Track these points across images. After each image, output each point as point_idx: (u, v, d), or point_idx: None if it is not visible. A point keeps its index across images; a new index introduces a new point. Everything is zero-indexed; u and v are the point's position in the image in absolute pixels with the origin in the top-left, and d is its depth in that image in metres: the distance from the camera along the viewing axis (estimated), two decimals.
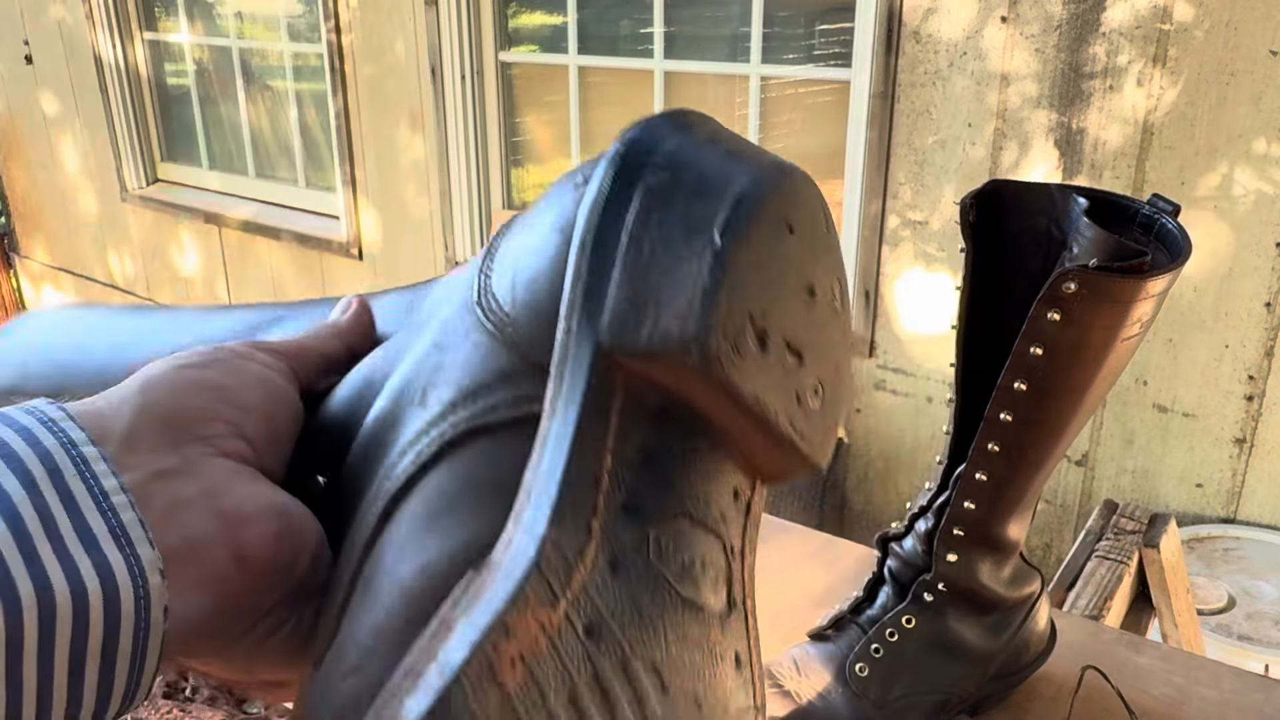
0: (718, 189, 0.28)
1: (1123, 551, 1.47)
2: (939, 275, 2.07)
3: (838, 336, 0.32)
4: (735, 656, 0.30)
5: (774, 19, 2.22)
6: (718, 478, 0.30)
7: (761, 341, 0.28)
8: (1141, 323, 0.61)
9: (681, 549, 0.28)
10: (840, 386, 0.32)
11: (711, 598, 0.29)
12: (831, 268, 0.32)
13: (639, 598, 0.27)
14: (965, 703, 0.76)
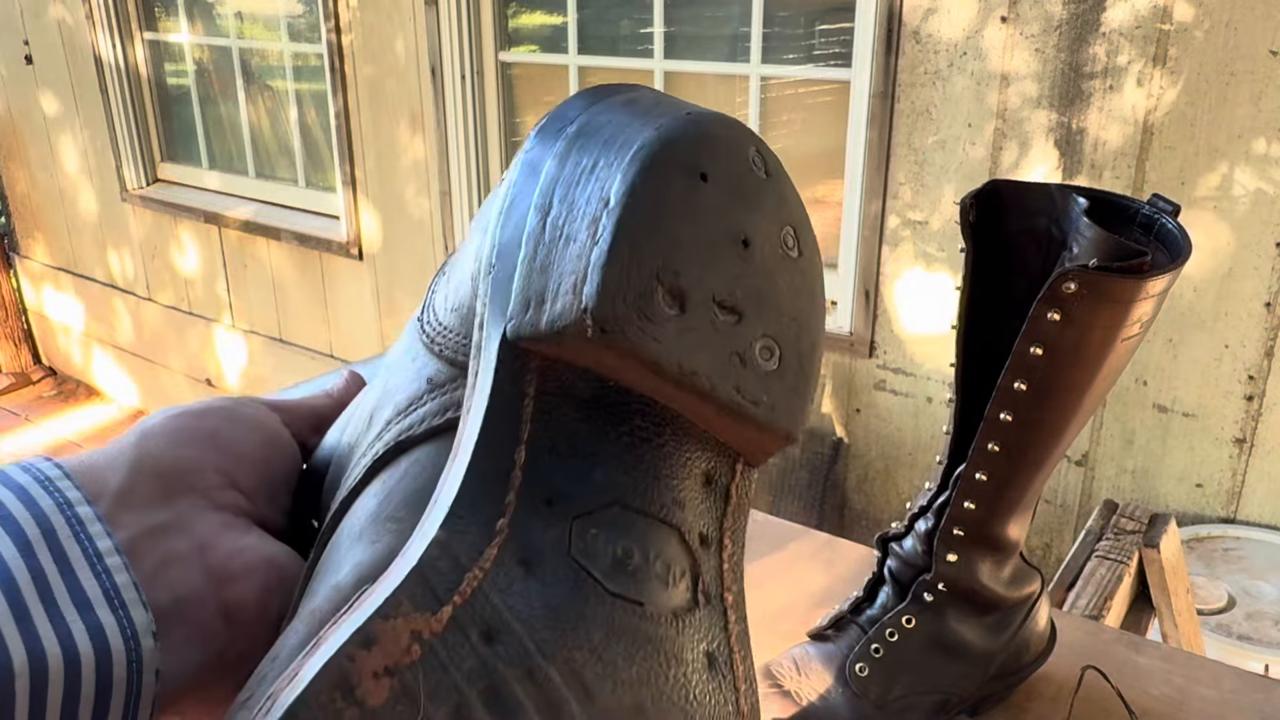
0: (620, 150, 0.26)
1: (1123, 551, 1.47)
2: (939, 275, 2.07)
3: (796, 286, 0.29)
4: (706, 657, 0.27)
5: (774, 19, 2.22)
6: (672, 462, 0.27)
7: (679, 302, 0.25)
8: (1141, 323, 0.61)
9: (614, 541, 0.26)
10: (804, 341, 0.29)
11: (661, 593, 0.26)
12: (776, 213, 0.29)
13: (554, 597, 0.24)
14: (965, 703, 0.76)
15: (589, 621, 0.25)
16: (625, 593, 0.26)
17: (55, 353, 4.44)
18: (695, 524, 0.28)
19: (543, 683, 0.24)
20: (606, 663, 0.25)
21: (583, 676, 0.24)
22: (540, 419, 0.26)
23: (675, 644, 0.26)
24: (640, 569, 0.26)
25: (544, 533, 0.25)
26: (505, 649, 0.23)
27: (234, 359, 3.57)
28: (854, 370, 2.24)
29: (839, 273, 2.24)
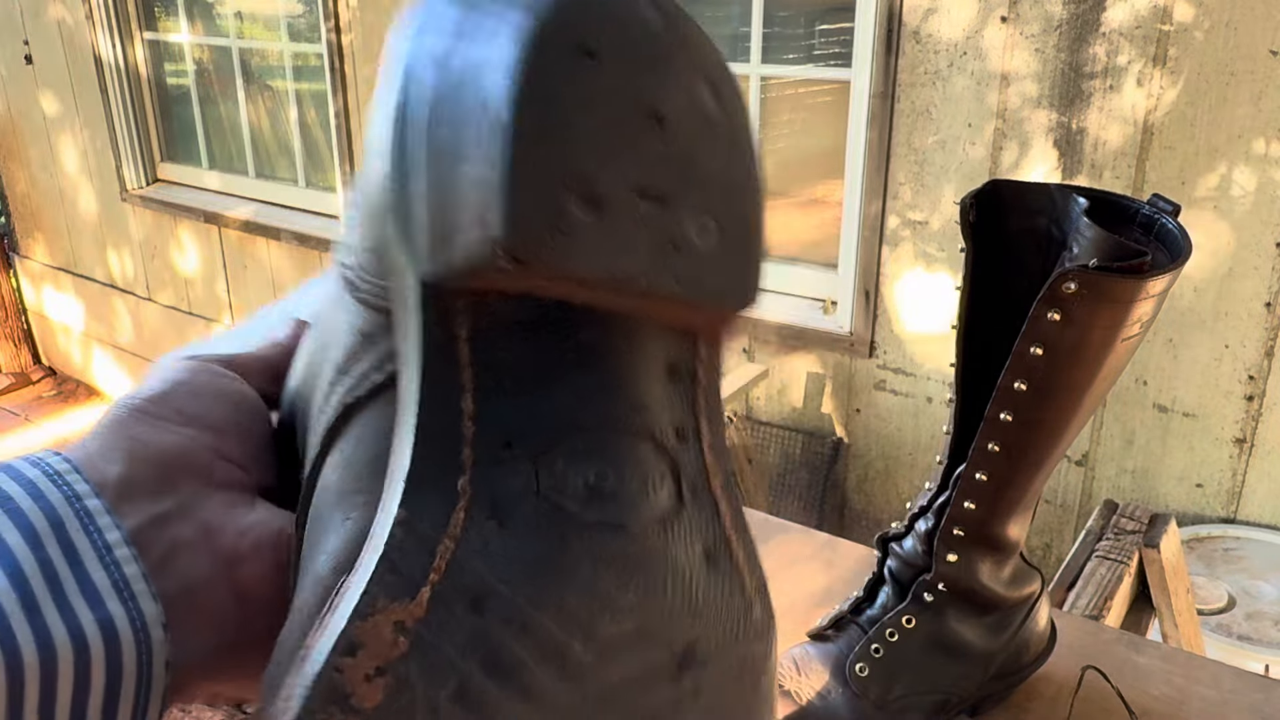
0: (490, 41, 0.23)
1: (1123, 551, 1.47)
2: (939, 275, 2.07)
3: (723, 149, 0.26)
4: (704, 555, 0.25)
5: (774, 19, 2.22)
6: (628, 368, 0.25)
7: (595, 204, 0.23)
8: (1141, 323, 0.61)
9: (582, 468, 0.24)
10: (743, 206, 0.27)
11: (643, 506, 0.25)
12: (686, 72, 0.25)
13: (533, 546, 0.23)
14: (965, 703, 0.76)
15: (574, 560, 0.24)
16: (605, 518, 0.24)
17: (55, 353, 4.44)
18: (665, 422, 0.26)
19: (540, 635, 0.23)
20: (600, 596, 0.24)
21: (579, 617, 0.23)
22: (480, 360, 0.24)
23: (667, 554, 0.25)
24: (616, 489, 0.25)
25: (509, 480, 0.24)
26: (495, 612, 0.23)
27: None
28: (854, 370, 2.24)
29: (839, 273, 2.24)
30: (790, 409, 2.38)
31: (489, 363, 0.24)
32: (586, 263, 0.23)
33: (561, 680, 0.23)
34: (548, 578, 0.23)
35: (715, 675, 0.25)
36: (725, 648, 0.25)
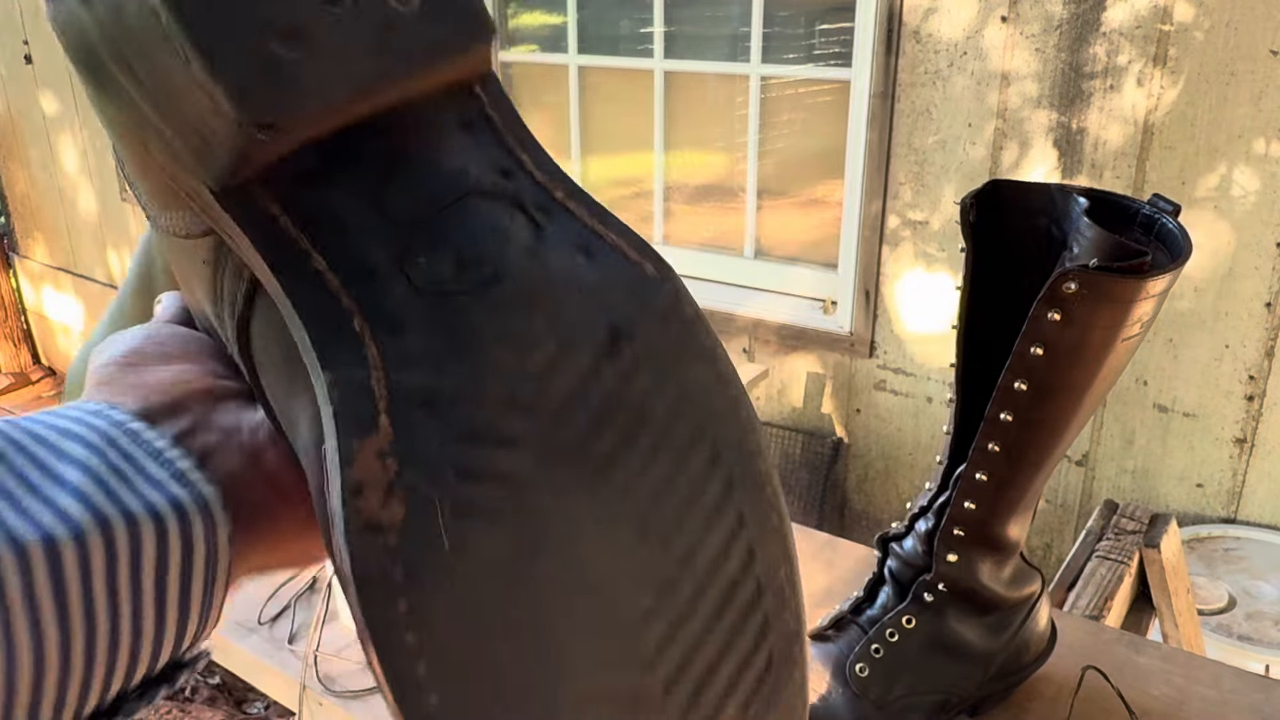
0: None
1: (1123, 551, 1.47)
2: (939, 275, 2.07)
3: None
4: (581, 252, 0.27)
5: (774, 19, 2.22)
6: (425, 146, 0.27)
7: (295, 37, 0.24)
8: (1141, 323, 0.61)
9: (440, 253, 0.26)
10: None
11: (506, 249, 0.26)
12: None
13: (439, 334, 0.25)
14: (965, 703, 0.76)
15: (478, 325, 0.25)
16: (482, 279, 0.26)
17: (55, 353, 4.44)
18: (486, 170, 0.27)
19: (489, 395, 0.25)
20: (516, 339, 0.25)
21: (510, 364, 0.25)
22: (302, 223, 0.25)
23: (549, 273, 0.26)
24: (477, 252, 0.26)
25: (389, 296, 0.25)
26: (445, 401, 0.25)
27: None
28: (854, 370, 2.24)
29: (839, 272, 2.24)
30: (790, 409, 2.38)
31: (312, 218, 0.25)
32: (324, 92, 0.24)
33: (528, 418, 0.25)
34: (466, 351, 0.25)
35: (647, 335, 0.27)
36: (640, 312, 0.27)
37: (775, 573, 0.28)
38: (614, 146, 2.62)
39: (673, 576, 0.26)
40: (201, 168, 0.25)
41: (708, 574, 0.27)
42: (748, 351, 2.40)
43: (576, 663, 0.25)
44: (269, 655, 0.89)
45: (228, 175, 0.25)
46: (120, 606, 0.25)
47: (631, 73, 2.47)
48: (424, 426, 0.24)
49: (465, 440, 0.24)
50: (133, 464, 0.27)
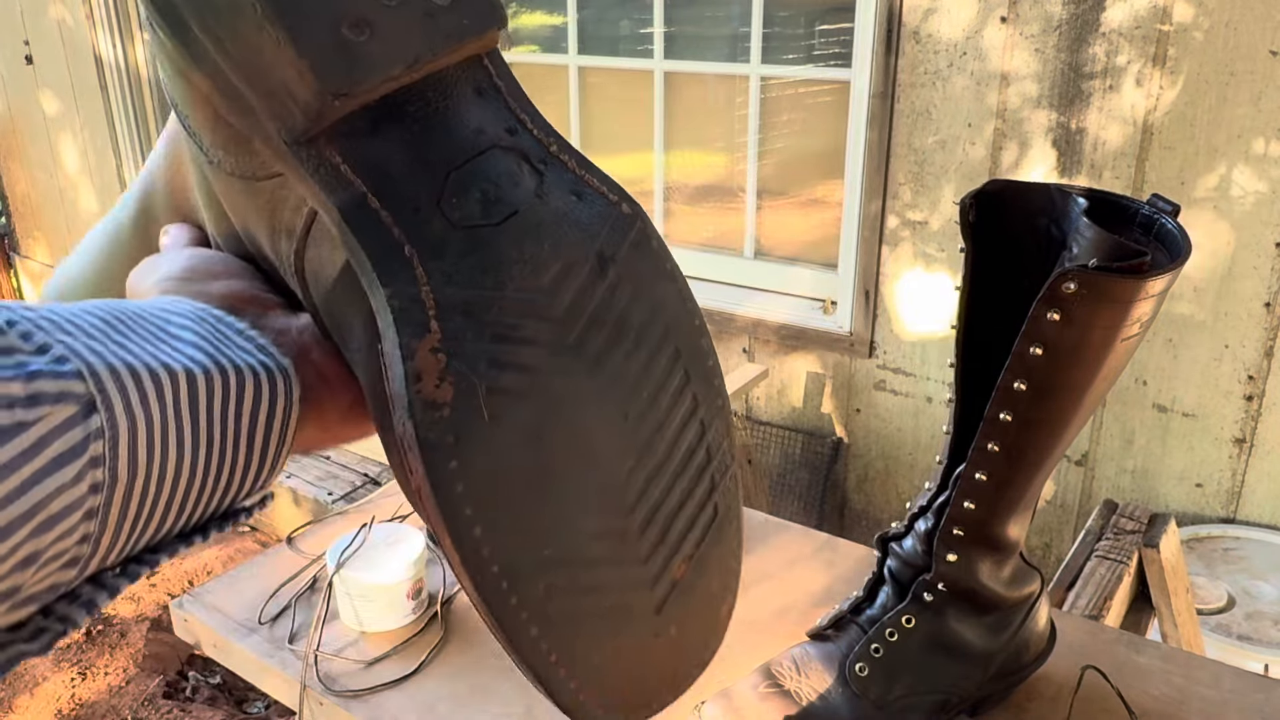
0: None
1: (1122, 551, 1.47)
2: (939, 275, 2.07)
3: None
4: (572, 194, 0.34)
5: (774, 19, 2.22)
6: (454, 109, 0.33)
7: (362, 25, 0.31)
8: (1141, 323, 0.61)
9: (468, 193, 0.33)
10: None
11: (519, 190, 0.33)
12: None
13: (472, 256, 0.32)
14: (965, 702, 0.76)
15: (501, 248, 0.32)
16: (503, 213, 0.33)
17: None
18: (499, 128, 0.34)
19: (512, 300, 0.32)
20: (529, 259, 0.33)
21: (525, 277, 0.33)
22: (361, 168, 0.32)
23: (552, 210, 0.34)
24: (498, 192, 0.33)
25: (431, 227, 0.32)
26: (479, 306, 0.32)
27: None
28: (854, 370, 2.24)
29: (839, 273, 2.24)
30: (790, 409, 2.38)
31: (367, 165, 0.32)
32: (385, 66, 0.31)
33: (541, 322, 0.33)
34: (493, 268, 0.32)
35: (626, 260, 0.35)
36: (620, 242, 0.35)
37: (720, 443, 0.37)
38: (614, 146, 2.62)
39: (647, 444, 0.35)
40: (280, 124, 0.31)
41: (672, 443, 0.35)
42: (748, 351, 2.40)
43: (580, 507, 0.33)
44: (269, 655, 0.89)
45: (300, 132, 0.31)
46: (226, 437, 0.31)
47: (631, 73, 2.47)
48: (464, 328, 0.31)
49: (495, 339, 0.32)
50: (225, 335, 0.32)
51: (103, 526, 0.27)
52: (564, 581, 0.33)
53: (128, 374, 0.27)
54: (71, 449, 0.25)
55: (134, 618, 2.59)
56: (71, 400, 0.26)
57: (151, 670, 2.39)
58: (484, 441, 0.31)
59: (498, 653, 0.88)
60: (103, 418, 0.26)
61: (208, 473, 0.30)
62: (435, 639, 0.90)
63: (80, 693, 2.33)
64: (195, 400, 0.29)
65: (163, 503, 0.29)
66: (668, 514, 0.35)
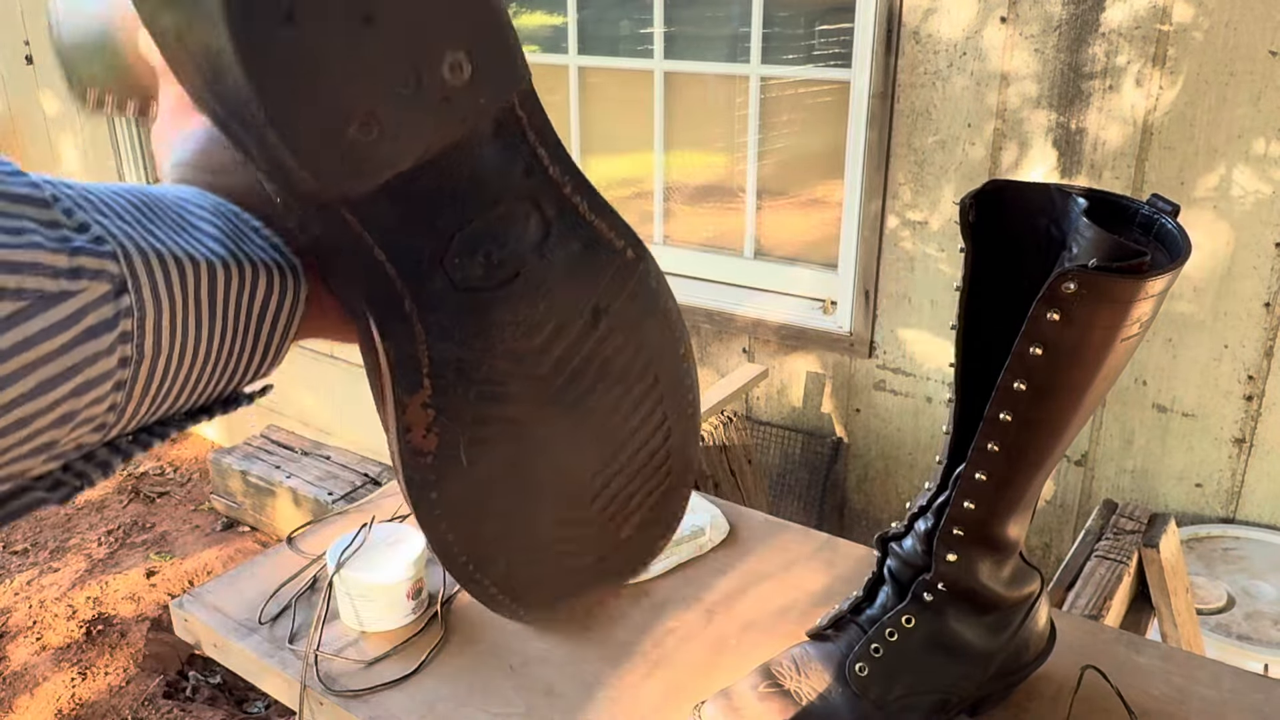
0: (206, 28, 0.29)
1: (1122, 551, 1.47)
2: (939, 275, 2.07)
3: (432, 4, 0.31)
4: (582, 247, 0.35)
5: (774, 19, 2.22)
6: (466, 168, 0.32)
7: (370, 122, 0.30)
8: (1141, 323, 0.61)
9: (471, 255, 0.33)
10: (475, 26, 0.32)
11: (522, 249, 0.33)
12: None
13: (468, 318, 0.33)
14: (965, 702, 0.76)
15: (497, 312, 0.33)
16: (504, 276, 0.33)
17: None
18: (510, 175, 0.33)
19: (503, 360, 0.33)
20: (523, 320, 0.34)
21: (518, 337, 0.34)
22: (370, 225, 0.32)
23: (553, 267, 0.34)
24: (501, 255, 0.33)
25: (432, 285, 0.33)
26: (470, 366, 0.33)
27: None
28: (854, 370, 2.24)
29: (839, 272, 2.24)
30: (790, 409, 2.38)
31: (375, 224, 0.32)
32: (394, 163, 0.31)
33: (528, 380, 0.34)
34: (487, 330, 0.33)
35: (620, 309, 0.36)
36: (617, 289, 0.35)
37: (682, 443, 0.39)
38: (614, 147, 2.62)
39: (614, 454, 0.37)
40: (286, 194, 0.31)
41: (637, 450, 0.38)
42: (747, 351, 2.40)
43: (544, 508, 0.36)
44: (269, 655, 0.89)
45: (306, 203, 0.31)
46: (239, 326, 0.33)
47: (631, 73, 2.47)
48: (454, 384, 0.33)
49: (482, 396, 0.34)
50: (243, 231, 0.34)
51: (128, 398, 0.30)
52: (523, 559, 0.37)
53: (156, 259, 0.29)
54: (104, 322, 0.28)
55: (134, 618, 2.59)
56: (106, 278, 0.28)
57: (151, 670, 2.39)
58: (461, 479, 0.34)
59: (498, 653, 0.89)
60: (132, 298, 0.28)
61: (219, 357, 0.32)
62: (435, 639, 0.90)
63: (80, 693, 2.33)
64: (214, 290, 0.31)
65: (179, 382, 0.31)
66: (624, 498, 0.39)
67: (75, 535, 3.00)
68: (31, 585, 2.75)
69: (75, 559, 2.87)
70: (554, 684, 0.84)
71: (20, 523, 3.09)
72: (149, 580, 2.76)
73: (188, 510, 3.15)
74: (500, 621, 0.93)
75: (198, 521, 3.07)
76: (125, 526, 3.04)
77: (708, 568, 1.00)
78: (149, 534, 3.01)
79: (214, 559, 2.87)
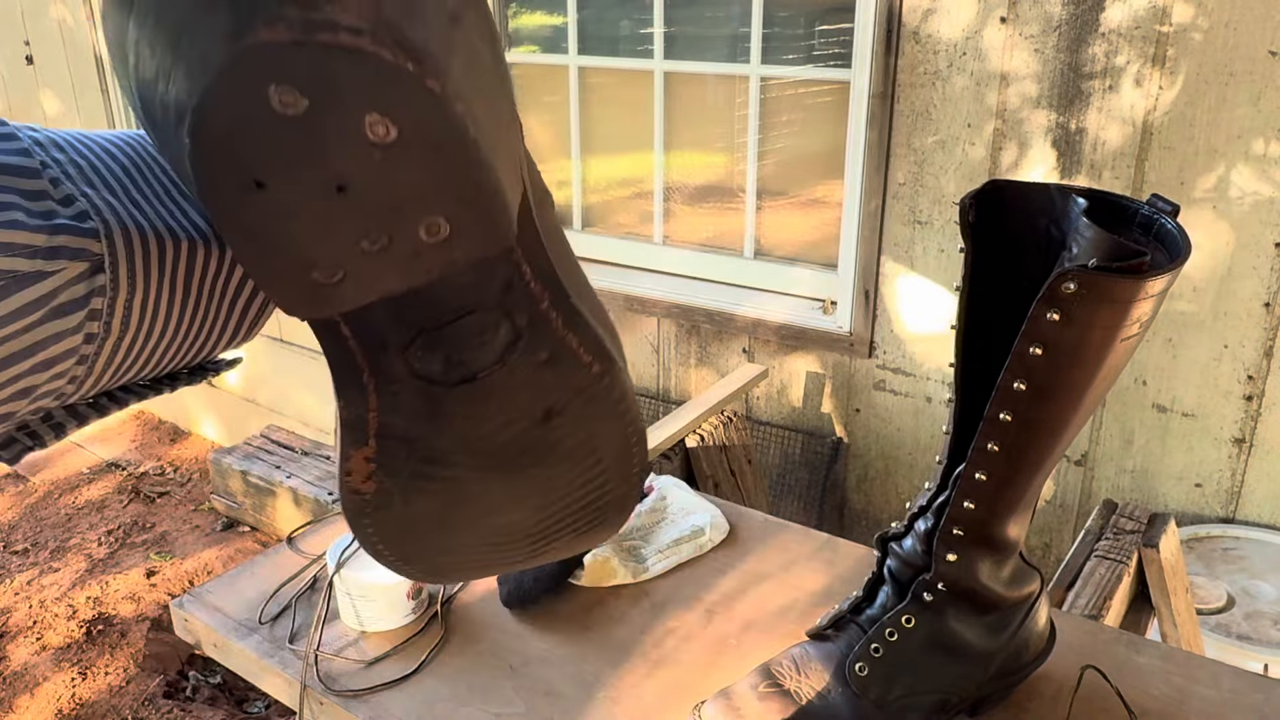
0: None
1: (1122, 551, 1.47)
2: (939, 275, 2.07)
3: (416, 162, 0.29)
4: (548, 359, 0.35)
5: (774, 19, 2.22)
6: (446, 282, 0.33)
7: (334, 269, 0.30)
8: (1141, 323, 0.61)
9: (434, 353, 0.34)
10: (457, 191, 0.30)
11: (483, 357, 0.34)
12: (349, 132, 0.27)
13: (421, 404, 0.34)
14: (965, 702, 0.76)
15: (449, 406, 0.35)
16: (461, 376, 0.34)
17: None
18: (488, 290, 0.34)
19: (446, 441, 0.35)
20: (472, 415, 0.35)
21: (465, 429, 0.35)
22: (355, 332, 0.33)
23: (511, 377, 0.35)
24: (462, 357, 0.34)
25: (392, 367, 0.34)
26: (415, 439, 0.35)
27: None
28: (854, 370, 2.24)
29: (839, 273, 2.24)
30: (790, 409, 2.38)
31: (347, 312, 0.32)
32: (360, 299, 0.31)
33: (472, 456, 0.36)
34: (436, 416, 0.35)
35: (572, 411, 0.37)
36: (574, 398, 0.36)
37: (621, 500, 0.40)
38: (614, 147, 2.62)
39: (548, 508, 0.39)
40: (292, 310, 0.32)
41: (572, 505, 0.39)
42: (748, 351, 2.40)
43: (474, 539, 0.38)
44: (270, 655, 0.89)
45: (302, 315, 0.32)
46: (213, 303, 0.33)
47: (631, 73, 2.47)
48: (398, 451, 0.35)
49: (423, 462, 0.35)
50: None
51: (89, 371, 0.30)
52: (447, 561, 0.39)
53: (138, 238, 0.29)
54: (75, 300, 0.28)
55: (134, 618, 2.59)
56: (85, 257, 0.28)
57: (152, 670, 2.39)
58: (394, 517, 0.36)
59: (498, 653, 0.89)
60: (108, 277, 0.29)
61: (190, 332, 0.33)
62: (435, 639, 0.90)
63: (80, 693, 2.33)
64: (192, 268, 0.32)
65: (145, 354, 0.32)
66: (552, 534, 0.40)
67: (75, 535, 3.00)
68: (32, 585, 2.75)
69: (75, 559, 2.87)
70: (554, 684, 0.84)
71: (20, 523, 3.08)
72: (149, 580, 2.76)
73: (188, 510, 3.15)
74: (500, 621, 0.93)
75: (198, 521, 3.07)
76: (125, 526, 3.04)
77: (708, 568, 1.00)
78: (149, 534, 3.01)
79: (214, 559, 2.87)
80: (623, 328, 2.57)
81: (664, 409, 2.51)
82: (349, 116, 0.27)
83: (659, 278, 2.54)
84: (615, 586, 0.98)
